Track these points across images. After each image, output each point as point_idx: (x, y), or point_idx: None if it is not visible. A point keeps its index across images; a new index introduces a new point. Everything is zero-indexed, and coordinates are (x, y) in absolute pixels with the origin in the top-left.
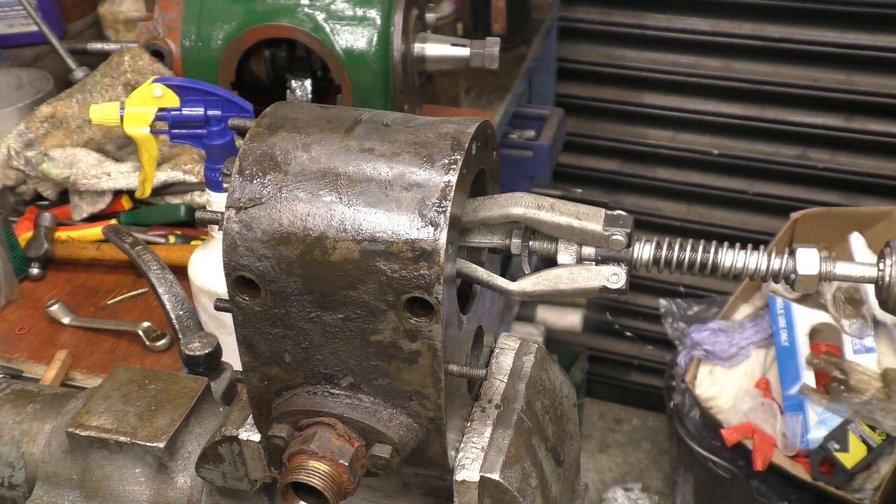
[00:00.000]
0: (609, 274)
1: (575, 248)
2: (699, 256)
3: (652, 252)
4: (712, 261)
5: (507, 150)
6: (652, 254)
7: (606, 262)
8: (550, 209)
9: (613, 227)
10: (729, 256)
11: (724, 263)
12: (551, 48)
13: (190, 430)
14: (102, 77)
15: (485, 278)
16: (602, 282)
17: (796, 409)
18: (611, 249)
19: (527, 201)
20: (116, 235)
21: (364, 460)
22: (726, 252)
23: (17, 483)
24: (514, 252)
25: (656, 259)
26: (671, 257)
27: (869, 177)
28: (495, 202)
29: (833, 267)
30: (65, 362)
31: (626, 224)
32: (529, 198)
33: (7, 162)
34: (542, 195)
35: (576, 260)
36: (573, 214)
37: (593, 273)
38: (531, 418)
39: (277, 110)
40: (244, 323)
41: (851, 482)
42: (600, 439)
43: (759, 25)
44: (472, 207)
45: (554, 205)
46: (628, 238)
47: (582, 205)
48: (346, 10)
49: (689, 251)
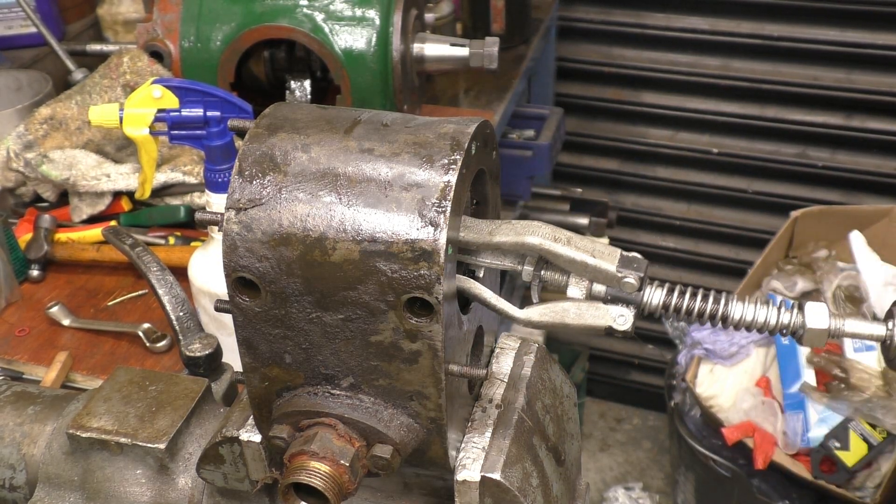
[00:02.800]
0: (616, 315)
1: (586, 283)
2: (709, 307)
3: (662, 298)
4: (722, 312)
5: (507, 150)
6: (662, 300)
7: (615, 301)
8: (567, 243)
9: (627, 269)
10: (738, 309)
11: (733, 315)
12: (551, 48)
13: (191, 431)
14: (101, 78)
15: (492, 302)
16: (609, 321)
17: (797, 407)
18: (622, 291)
19: (543, 232)
20: (116, 237)
21: (365, 461)
22: (735, 304)
23: (19, 485)
24: (524, 279)
25: (666, 305)
26: (681, 305)
27: (869, 175)
28: (512, 228)
29: (842, 324)
30: (65, 364)
31: (640, 268)
32: (546, 228)
33: (6, 164)
34: (558, 227)
35: (585, 296)
36: (588, 251)
37: (601, 312)
38: (532, 418)
39: (277, 111)
40: (244, 324)
41: (852, 480)
42: (601, 439)
43: (758, 24)
44: (488, 230)
45: (571, 239)
46: (640, 282)
47: (598, 242)
48: (345, 10)
49: (699, 301)
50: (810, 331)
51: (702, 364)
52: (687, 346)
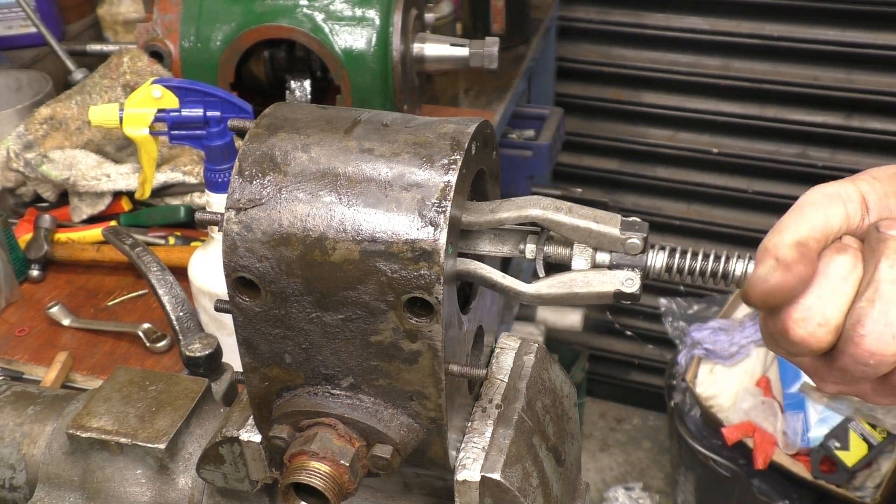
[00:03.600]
0: (623, 279)
1: (590, 252)
2: (710, 265)
3: (665, 259)
4: (723, 270)
5: (507, 150)
6: (665, 261)
7: (620, 268)
8: (569, 211)
9: (630, 231)
10: (740, 266)
11: (734, 272)
12: (550, 48)
13: (191, 432)
14: (101, 78)
15: (499, 281)
16: (617, 286)
17: (797, 407)
18: (626, 255)
19: (545, 203)
20: (116, 237)
21: (365, 461)
22: (737, 261)
23: (18, 485)
24: (528, 257)
25: (669, 266)
26: (683, 265)
27: None
28: (512, 204)
29: None
30: (65, 364)
31: (641, 229)
32: (547, 200)
33: (6, 164)
34: (558, 199)
35: (590, 265)
36: (591, 218)
37: (608, 277)
38: (532, 418)
39: (277, 111)
40: (244, 324)
41: (852, 480)
42: (601, 439)
43: (758, 24)
44: (490, 209)
45: (572, 208)
46: (644, 242)
47: (598, 210)
48: (344, 10)
49: (700, 260)
50: None
51: (702, 364)
52: (687, 346)
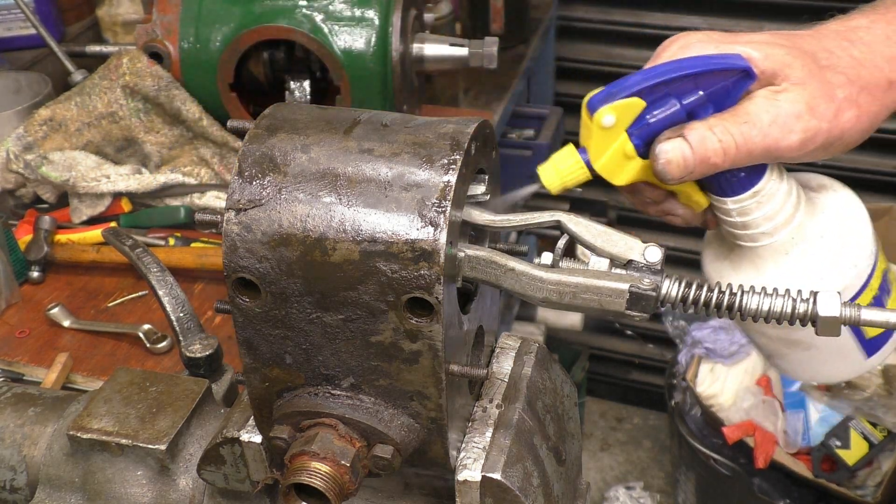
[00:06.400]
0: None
1: (607, 262)
2: (726, 299)
3: (681, 291)
4: (738, 304)
5: (507, 150)
6: (681, 293)
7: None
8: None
9: (650, 244)
10: (755, 300)
11: (749, 306)
12: (550, 47)
13: (191, 432)
14: (101, 80)
15: (518, 268)
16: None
17: (797, 406)
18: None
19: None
20: (116, 238)
21: (366, 461)
22: (752, 295)
23: (19, 486)
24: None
25: (684, 298)
26: (699, 298)
27: (868, 173)
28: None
29: (858, 313)
30: (65, 365)
31: (659, 247)
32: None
33: (6, 165)
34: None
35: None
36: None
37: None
38: (532, 418)
39: (276, 112)
40: (245, 325)
41: (853, 479)
42: (602, 438)
43: (756, 23)
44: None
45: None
46: (662, 254)
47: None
48: (344, 10)
49: (716, 293)
50: (822, 319)
51: (702, 363)
52: (687, 346)
